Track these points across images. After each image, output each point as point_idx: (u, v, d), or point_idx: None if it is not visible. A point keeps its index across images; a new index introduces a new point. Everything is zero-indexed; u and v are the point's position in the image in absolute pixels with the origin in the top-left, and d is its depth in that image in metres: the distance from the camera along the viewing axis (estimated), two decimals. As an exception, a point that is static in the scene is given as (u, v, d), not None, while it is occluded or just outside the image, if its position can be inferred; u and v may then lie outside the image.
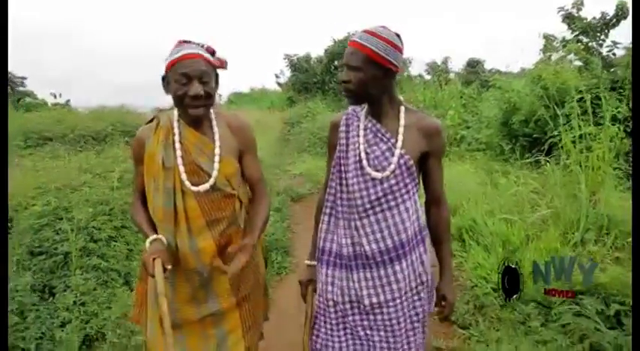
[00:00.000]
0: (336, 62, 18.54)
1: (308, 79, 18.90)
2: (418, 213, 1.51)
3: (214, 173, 1.47)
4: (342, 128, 1.54)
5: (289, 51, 20.44)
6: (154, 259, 1.37)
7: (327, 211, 1.56)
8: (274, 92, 22.80)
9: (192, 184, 1.45)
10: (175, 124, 1.49)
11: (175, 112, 1.51)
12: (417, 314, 1.54)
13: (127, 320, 2.77)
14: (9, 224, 3.42)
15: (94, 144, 6.63)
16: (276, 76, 21.72)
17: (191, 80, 1.38)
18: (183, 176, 1.45)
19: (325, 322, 1.57)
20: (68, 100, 15.81)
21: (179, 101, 1.41)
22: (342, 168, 1.50)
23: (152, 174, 1.48)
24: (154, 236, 1.46)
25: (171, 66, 1.39)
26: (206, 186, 1.46)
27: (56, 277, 3.01)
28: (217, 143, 1.49)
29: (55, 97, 14.62)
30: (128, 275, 3.34)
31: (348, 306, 1.53)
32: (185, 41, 1.46)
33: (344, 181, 1.49)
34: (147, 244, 1.44)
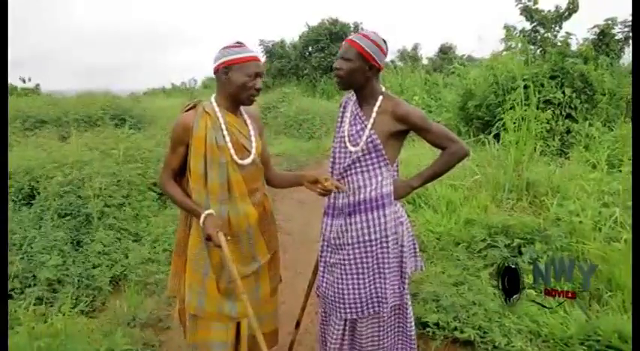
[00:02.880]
0: (310, 48, 19.05)
1: (283, 65, 19.31)
2: (382, 183, 1.84)
3: (253, 150, 1.79)
4: (340, 109, 1.96)
5: (264, 36, 20.72)
6: (217, 232, 1.63)
7: (328, 174, 1.95)
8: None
9: (239, 159, 1.75)
10: (217, 110, 1.75)
11: (213, 101, 1.78)
12: (383, 264, 1.88)
13: (145, 265, 3.47)
14: (33, 193, 4.04)
15: (87, 127, 7.14)
16: (251, 61, 21.95)
17: (257, 77, 1.72)
18: (232, 152, 1.73)
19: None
20: (37, 85, 15.76)
21: (244, 90, 1.71)
22: (335, 140, 1.94)
23: (200, 153, 1.71)
24: (208, 211, 1.69)
25: (244, 62, 1.68)
26: (249, 159, 1.77)
27: (82, 234, 3.65)
28: (250, 126, 1.83)
29: (23, 81, 14.60)
30: (137, 234, 4.00)
31: (325, 243, 1.99)
32: (241, 43, 1.75)
33: (334, 150, 1.93)
34: (202, 218, 1.67)
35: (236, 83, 1.70)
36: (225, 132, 1.73)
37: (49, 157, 4.51)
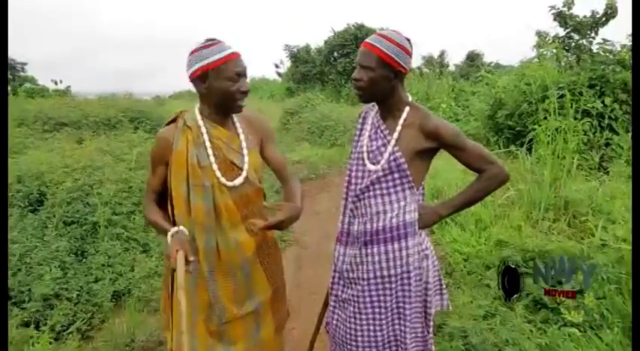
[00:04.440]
0: (335, 53, 18.89)
1: (308, 70, 19.18)
2: (405, 209, 1.58)
3: (245, 166, 1.53)
4: (359, 121, 1.71)
5: (289, 41, 20.69)
6: (177, 251, 1.37)
7: (343, 195, 1.71)
8: (273, 82, 23.11)
9: (227, 180, 1.50)
10: (201, 123, 1.51)
11: (197, 111, 1.54)
12: (403, 303, 1.61)
13: (150, 280, 3.26)
14: (42, 198, 3.90)
15: (106, 129, 7.08)
16: (276, 66, 21.97)
17: (240, 77, 1.46)
18: (218, 173, 1.49)
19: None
20: (69, 87, 16.21)
21: (229, 97, 1.47)
22: (352, 156, 1.69)
23: (182, 174, 1.49)
24: (176, 228, 1.44)
25: (221, 64, 1.43)
26: (240, 179, 1.51)
27: (86, 243, 3.48)
28: (242, 137, 1.57)
29: (55, 83, 15.06)
30: (146, 245, 3.80)
31: (337, 275, 1.73)
32: (212, 39, 1.48)
33: (351, 168, 1.68)
34: (169, 237, 1.43)
35: (218, 91, 1.46)
36: (209, 150, 1.49)
37: (62, 161, 4.39)
